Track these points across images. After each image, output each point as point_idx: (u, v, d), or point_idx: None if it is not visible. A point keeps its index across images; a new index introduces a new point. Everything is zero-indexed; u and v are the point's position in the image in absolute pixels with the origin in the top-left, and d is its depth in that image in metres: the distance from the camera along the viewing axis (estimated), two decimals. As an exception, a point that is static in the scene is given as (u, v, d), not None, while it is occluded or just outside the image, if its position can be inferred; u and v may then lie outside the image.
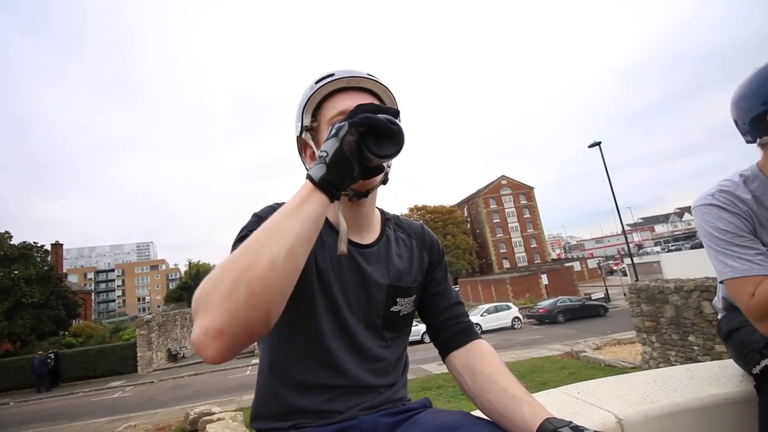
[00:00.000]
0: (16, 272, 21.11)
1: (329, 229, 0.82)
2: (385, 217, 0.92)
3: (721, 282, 1.12)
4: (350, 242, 0.81)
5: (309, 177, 0.61)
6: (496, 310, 21.73)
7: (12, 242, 22.99)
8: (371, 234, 0.86)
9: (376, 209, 0.90)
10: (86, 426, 9.90)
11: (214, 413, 7.25)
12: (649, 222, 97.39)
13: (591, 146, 19.55)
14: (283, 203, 0.80)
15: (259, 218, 0.74)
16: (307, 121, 0.82)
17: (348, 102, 0.78)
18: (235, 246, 0.72)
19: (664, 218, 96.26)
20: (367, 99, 0.81)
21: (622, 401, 1.14)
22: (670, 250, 44.86)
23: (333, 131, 0.62)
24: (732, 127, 1.20)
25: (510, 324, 20.89)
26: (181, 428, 7.92)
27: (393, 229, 0.91)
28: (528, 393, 0.69)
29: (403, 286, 0.84)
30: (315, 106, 0.81)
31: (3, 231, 23.12)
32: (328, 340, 0.75)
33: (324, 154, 0.61)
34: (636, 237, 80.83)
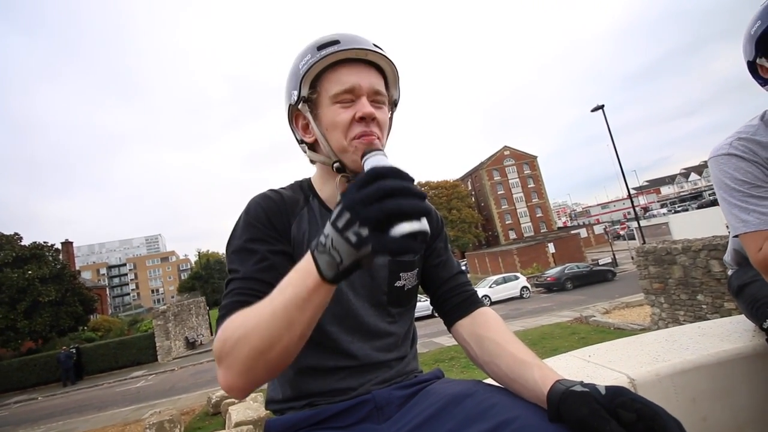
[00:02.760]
0: (30, 272, 21.51)
1: (326, 211, 0.80)
2: None
3: (735, 236, 1.10)
4: None
5: (318, 270, 0.53)
6: (505, 281, 21.89)
7: (22, 243, 23.33)
8: None
9: None
10: (114, 415, 10.27)
11: (235, 396, 7.46)
12: (655, 184, 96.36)
13: (594, 110, 19.14)
14: (277, 192, 0.80)
15: (250, 225, 0.73)
16: (305, 91, 0.75)
17: (354, 77, 0.73)
18: (230, 258, 0.72)
19: (670, 179, 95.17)
20: (372, 74, 0.76)
21: (634, 362, 1.15)
22: (676, 212, 44.54)
23: (353, 237, 0.49)
24: (738, 80, 1.16)
25: (519, 294, 21.08)
26: (205, 412, 8.20)
27: None
28: (537, 357, 0.69)
29: (405, 260, 0.83)
30: (315, 75, 0.75)
31: (12, 233, 23.44)
32: (333, 326, 0.75)
33: (336, 258, 0.51)
34: (642, 200, 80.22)
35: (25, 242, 23.64)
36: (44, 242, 24.27)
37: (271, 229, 0.74)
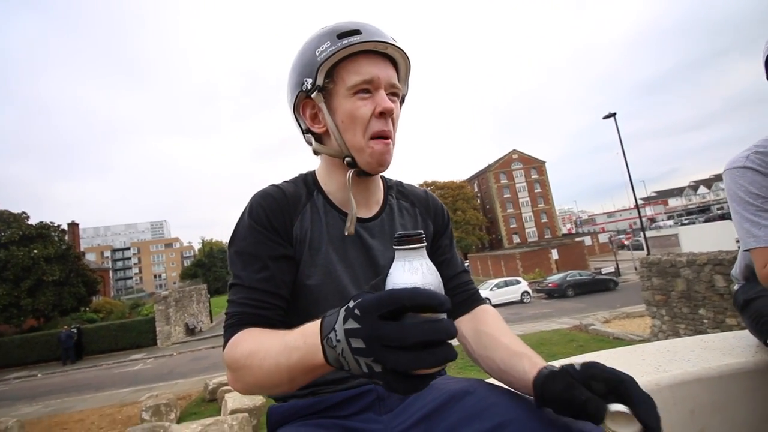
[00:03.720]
0: (35, 251, 21.75)
1: (330, 207, 0.80)
2: (387, 185, 0.90)
3: (746, 250, 1.09)
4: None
5: (326, 360, 0.49)
6: (506, 284, 21.86)
7: (29, 222, 23.58)
8: (374, 205, 0.84)
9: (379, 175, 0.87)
10: (111, 395, 10.39)
11: (232, 384, 7.52)
12: (663, 195, 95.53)
13: (606, 117, 19.00)
14: (279, 189, 0.78)
15: (251, 228, 0.73)
16: (320, 80, 0.73)
17: (373, 69, 0.72)
18: (232, 259, 0.73)
19: (678, 192, 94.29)
20: (389, 68, 0.75)
21: (635, 371, 1.15)
22: (683, 224, 44.20)
23: (363, 367, 0.43)
24: (752, 94, 1.14)
25: (519, 298, 21.05)
26: (201, 398, 8.27)
27: (396, 197, 0.88)
28: (530, 349, 0.69)
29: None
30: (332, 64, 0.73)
31: (20, 211, 23.70)
32: None
33: (344, 365, 0.46)
34: (649, 211, 79.64)
35: (32, 221, 23.88)
36: (51, 222, 24.49)
37: (272, 232, 0.73)
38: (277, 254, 0.73)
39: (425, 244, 0.50)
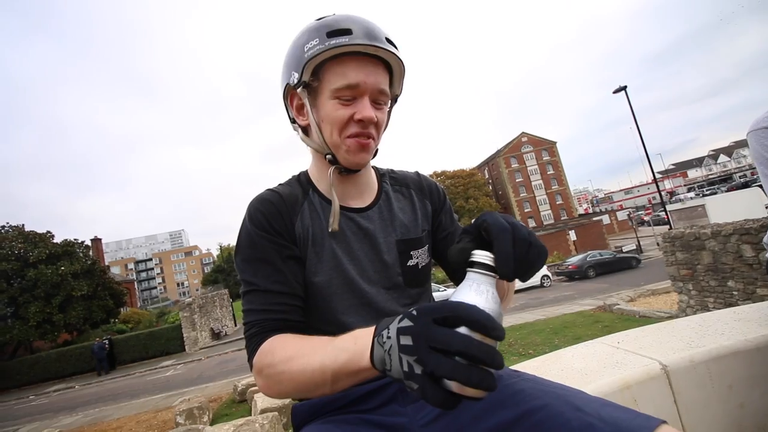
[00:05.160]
0: (63, 268, 22.45)
1: (326, 203, 0.80)
2: (380, 173, 0.90)
3: None
4: (350, 209, 0.80)
5: (372, 362, 0.50)
6: (524, 269, 21.60)
7: (54, 241, 24.32)
8: (369, 195, 0.84)
9: (370, 167, 0.87)
10: (146, 402, 10.70)
11: (260, 384, 7.66)
12: (682, 167, 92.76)
13: (616, 92, 18.48)
14: (275, 193, 0.77)
15: (254, 234, 0.72)
16: (306, 77, 0.72)
17: (360, 74, 0.70)
18: (241, 267, 0.72)
19: (697, 162, 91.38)
20: (379, 71, 0.72)
21: (666, 348, 1.12)
22: (704, 195, 42.91)
23: (404, 366, 0.44)
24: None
25: (539, 282, 20.78)
26: (231, 399, 8.46)
27: (390, 183, 0.89)
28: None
29: (413, 237, 0.83)
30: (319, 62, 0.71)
31: (45, 231, 24.46)
32: (347, 317, 0.75)
33: (387, 364, 0.47)
34: (668, 184, 77.54)
35: (57, 240, 24.62)
36: (75, 239, 25.25)
37: (276, 235, 0.73)
38: (286, 255, 0.73)
39: (497, 276, 0.50)
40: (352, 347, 0.53)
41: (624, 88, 18.27)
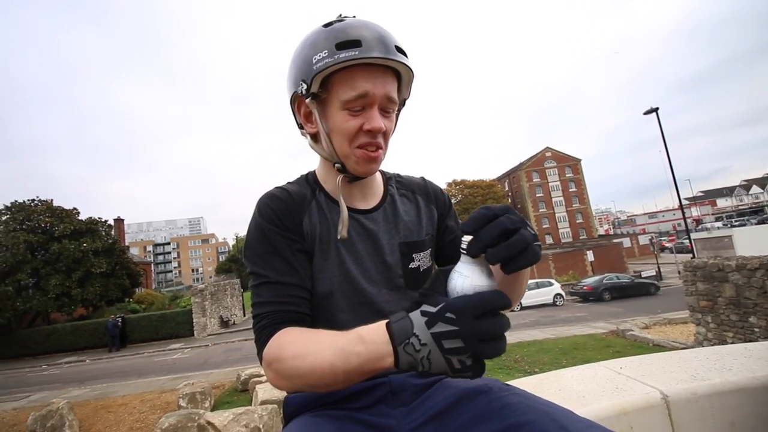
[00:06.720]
0: (85, 245, 23.20)
1: (332, 204, 0.81)
2: (386, 177, 0.91)
3: None
4: (356, 210, 0.81)
5: (397, 365, 0.53)
6: (537, 286, 21.21)
7: (80, 218, 25.18)
8: (375, 197, 0.86)
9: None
10: (152, 382, 10.94)
11: (263, 375, 7.76)
12: (711, 195, 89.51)
13: (647, 113, 18.03)
14: (284, 190, 0.79)
15: (265, 228, 0.74)
16: (315, 88, 0.72)
17: (368, 84, 0.70)
18: (252, 261, 0.73)
19: (728, 191, 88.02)
20: (388, 80, 0.72)
21: (669, 377, 1.09)
22: (732, 226, 41.32)
23: (456, 364, 0.50)
24: None
25: (552, 301, 20.38)
26: (234, 387, 8.58)
27: (396, 187, 0.90)
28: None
29: (416, 240, 0.84)
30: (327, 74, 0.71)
31: (71, 207, 25.35)
32: (344, 315, 0.76)
33: (425, 367, 0.52)
34: (695, 212, 74.99)
35: (82, 217, 25.47)
36: (99, 218, 26.03)
37: (285, 230, 0.75)
38: (296, 249, 0.75)
39: (474, 256, 0.57)
40: (364, 352, 0.54)
41: (656, 109, 17.81)
